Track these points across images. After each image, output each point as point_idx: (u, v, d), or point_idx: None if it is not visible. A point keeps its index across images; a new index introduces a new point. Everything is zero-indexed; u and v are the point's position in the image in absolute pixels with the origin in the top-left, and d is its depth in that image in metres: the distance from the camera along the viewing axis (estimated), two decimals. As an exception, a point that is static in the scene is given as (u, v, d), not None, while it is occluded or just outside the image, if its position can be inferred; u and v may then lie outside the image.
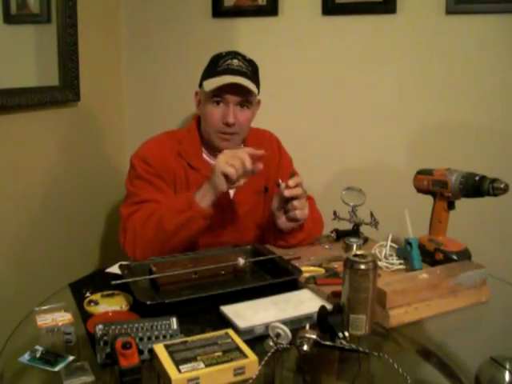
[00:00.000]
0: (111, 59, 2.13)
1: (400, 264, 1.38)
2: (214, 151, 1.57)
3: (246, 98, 1.50)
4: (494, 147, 1.81)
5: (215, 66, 1.51)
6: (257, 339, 1.02)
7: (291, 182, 1.40)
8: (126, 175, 1.56)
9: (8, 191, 1.63)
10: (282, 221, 1.47)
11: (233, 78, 1.47)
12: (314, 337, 0.96)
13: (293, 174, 1.44)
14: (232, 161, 1.33)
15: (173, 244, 1.40)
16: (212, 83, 1.48)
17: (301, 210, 1.43)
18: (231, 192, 1.57)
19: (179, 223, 1.36)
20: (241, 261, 1.32)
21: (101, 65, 2.05)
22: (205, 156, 1.59)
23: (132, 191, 1.50)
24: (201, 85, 1.56)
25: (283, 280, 1.25)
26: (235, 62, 1.50)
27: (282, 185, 1.41)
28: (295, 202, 1.41)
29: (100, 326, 0.96)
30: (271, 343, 0.98)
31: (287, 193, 1.40)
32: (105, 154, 2.12)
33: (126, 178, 1.55)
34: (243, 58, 1.53)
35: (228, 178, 1.33)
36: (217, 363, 0.90)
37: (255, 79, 1.53)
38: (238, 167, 1.32)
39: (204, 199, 1.37)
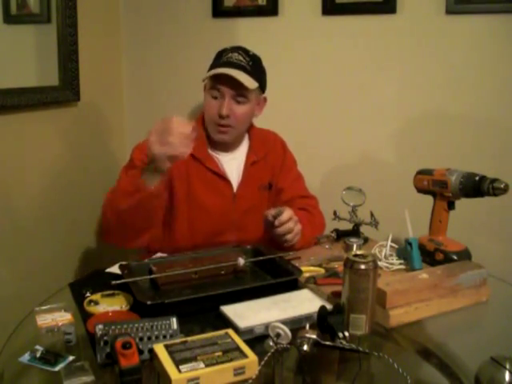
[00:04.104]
0: (111, 59, 2.13)
1: (400, 264, 1.38)
2: (216, 144, 1.59)
3: (240, 92, 1.50)
4: (495, 147, 1.81)
5: (218, 60, 1.54)
6: (257, 339, 1.02)
7: (283, 218, 1.40)
8: None
9: (8, 191, 1.63)
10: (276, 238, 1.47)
11: (228, 70, 1.48)
12: (314, 337, 0.96)
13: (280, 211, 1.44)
14: (166, 139, 1.21)
15: (135, 220, 1.36)
16: (209, 74, 1.51)
17: (289, 242, 1.44)
18: (234, 186, 1.59)
19: (132, 204, 1.32)
20: (241, 261, 1.32)
21: (101, 65, 2.05)
22: (209, 150, 1.60)
23: (120, 176, 1.49)
24: None
25: (283, 280, 1.25)
26: (235, 55, 1.52)
27: (276, 222, 1.41)
28: (288, 236, 1.43)
29: (100, 326, 0.96)
30: (271, 343, 0.98)
31: (280, 230, 1.41)
32: (105, 153, 2.12)
33: None
34: (246, 52, 1.55)
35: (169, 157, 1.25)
36: (217, 363, 0.90)
37: (255, 74, 1.53)
38: (175, 141, 1.21)
39: (151, 182, 1.29)
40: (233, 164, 1.62)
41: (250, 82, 1.50)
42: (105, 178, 2.11)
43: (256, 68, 1.55)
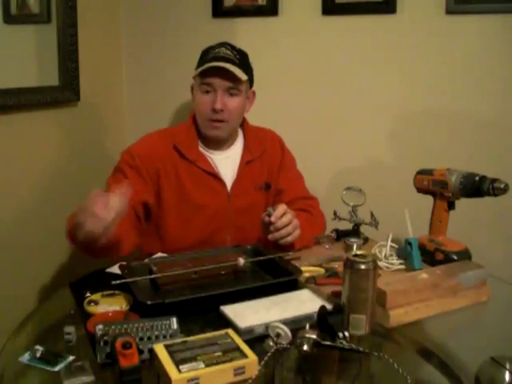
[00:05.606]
0: (111, 59, 2.13)
1: (400, 264, 1.38)
2: (208, 143, 1.58)
3: (232, 84, 1.50)
4: (495, 147, 1.81)
5: (205, 56, 1.54)
6: (257, 339, 1.02)
7: (278, 212, 1.38)
8: None
9: (8, 191, 1.63)
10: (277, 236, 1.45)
11: (219, 63, 1.48)
12: (314, 337, 0.96)
13: (273, 208, 1.42)
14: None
15: (93, 253, 1.31)
16: (201, 68, 1.50)
17: (290, 236, 1.41)
18: (228, 186, 1.57)
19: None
20: (241, 261, 1.32)
21: (101, 65, 2.05)
22: (200, 148, 1.59)
23: (107, 183, 1.50)
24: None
25: (283, 280, 1.25)
26: (222, 49, 1.53)
27: (272, 218, 1.38)
28: (283, 232, 1.40)
29: (100, 326, 0.96)
30: (271, 343, 0.98)
31: (273, 228, 1.38)
32: (105, 154, 2.12)
33: None
34: (232, 47, 1.55)
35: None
36: (217, 363, 0.90)
37: (243, 67, 1.53)
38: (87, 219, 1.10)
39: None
40: (227, 163, 1.60)
41: (241, 74, 1.50)
42: (104, 178, 2.10)
43: (244, 62, 1.55)
